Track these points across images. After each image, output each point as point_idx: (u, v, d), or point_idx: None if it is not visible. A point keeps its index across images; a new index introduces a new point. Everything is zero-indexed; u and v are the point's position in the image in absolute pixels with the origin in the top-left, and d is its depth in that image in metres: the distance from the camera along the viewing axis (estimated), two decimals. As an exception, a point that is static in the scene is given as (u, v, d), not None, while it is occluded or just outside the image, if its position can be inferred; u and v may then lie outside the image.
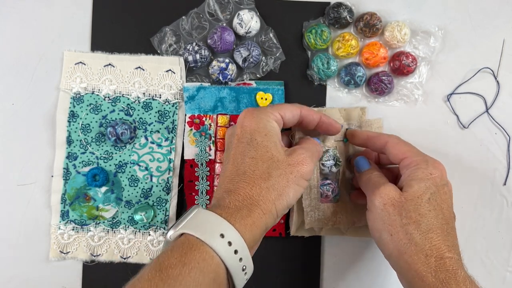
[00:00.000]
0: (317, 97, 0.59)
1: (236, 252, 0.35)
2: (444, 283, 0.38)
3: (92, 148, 0.57)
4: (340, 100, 0.60)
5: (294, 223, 0.55)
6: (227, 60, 0.57)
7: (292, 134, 0.51)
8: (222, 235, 0.35)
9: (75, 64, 0.58)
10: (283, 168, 0.41)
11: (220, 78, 0.57)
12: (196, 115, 0.57)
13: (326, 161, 0.53)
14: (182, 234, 0.36)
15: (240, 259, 0.36)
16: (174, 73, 0.58)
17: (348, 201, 0.54)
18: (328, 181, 0.53)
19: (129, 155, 0.57)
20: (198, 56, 0.57)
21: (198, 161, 0.57)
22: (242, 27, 0.57)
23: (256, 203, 0.38)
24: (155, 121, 0.57)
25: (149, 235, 0.57)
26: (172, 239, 0.37)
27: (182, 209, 0.58)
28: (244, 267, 0.37)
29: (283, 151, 0.43)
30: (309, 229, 0.55)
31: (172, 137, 0.57)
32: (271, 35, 0.59)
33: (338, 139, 0.54)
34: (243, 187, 0.39)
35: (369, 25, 0.58)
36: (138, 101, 0.57)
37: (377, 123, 0.56)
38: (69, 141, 0.57)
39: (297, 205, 0.54)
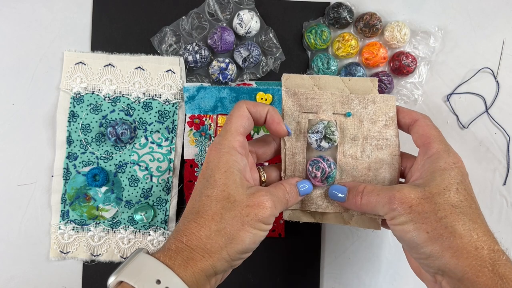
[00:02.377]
0: (317, 97, 0.59)
1: None
2: (504, 278, 0.34)
3: (92, 148, 0.57)
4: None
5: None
6: (227, 60, 0.57)
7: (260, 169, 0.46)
8: (158, 281, 0.34)
9: (75, 64, 0.58)
10: (239, 210, 0.37)
11: (220, 78, 0.57)
12: (196, 115, 0.57)
13: (311, 133, 0.44)
14: (121, 281, 0.35)
15: None
16: (174, 73, 0.58)
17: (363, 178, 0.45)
18: (319, 159, 0.44)
19: (129, 155, 0.57)
20: (198, 56, 0.57)
21: (198, 161, 0.57)
22: (242, 27, 0.57)
23: (203, 246, 0.36)
24: (155, 121, 0.57)
25: (149, 235, 0.57)
26: None
27: (182, 209, 0.58)
28: None
29: (244, 190, 0.39)
30: (306, 214, 0.47)
31: (172, 137, 0.57)
32: (271, 35, 0.59)
33: (338, 111, 0.45)
34: (192, 227, 0.37)
35: (369, 25, 0.58)
36: (138, 101, 0.58)
37: (392, 100, 0.46)
38: (69, 141, 0.57)
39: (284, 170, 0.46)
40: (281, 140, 0.45)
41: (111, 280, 0.35)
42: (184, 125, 0.57)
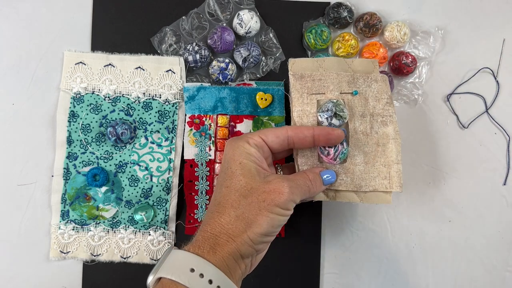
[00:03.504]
0: (317, 97, 0.59)
1: (210, 282, 0.36)
2: None
3: (92, 148, 0.57)
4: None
5: None
6: (227, 60, 0.57)
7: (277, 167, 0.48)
8: (192, 270, 0.36)
9: (75, 64, 0.58)
10: (256, 196, 0.39)
11: (220, 78, 0.57)
12: (196, 115, 0.57)
13: (321, 112, 0.46)
14: (160, 278, 0.37)
15: (218, 287, 0.36)
16: (174, 73, 0.58)
17: (359, 163, 0.47)
18: None
19: (129, 155, 0.57)
20: (198, 56, 0.57)
21: (198, 161, 0.57)
22: (242, 27, 0.57)
23: (225, 232, 0.38)
24: (155, 121, 0.57)
25: (149, 235, 0.57)
26: (151, 287, 0.37)
27: (182, 209, 0.58)
28: None
29: (261, 178, 0.41)
30: (319, 193, 0.47)
31: (172, 137, 0.57)
32: (271, 35, 0.59)
33: (345, 91, 0.47)
34: (215, 216, 0.39)
35: (369, 25, 0.58)
36: (138, 101, 0.58)
37: (387, 80, 0.49)
38: (69, 141, 0.57)
39: (295, 161, 0.47)
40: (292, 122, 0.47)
41: (150, 279, 0.37)
42: (184, 125, 0.57)
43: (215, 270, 0.36)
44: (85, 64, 0.58)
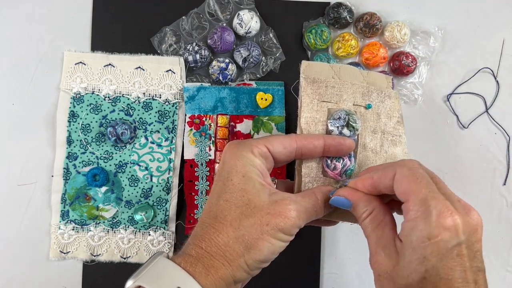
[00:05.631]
0: (317, 97, 0.59)
1: None
2: None
3: (92, 148, 0.57)
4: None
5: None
6: (227, 60, 0.57)
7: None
8: None
9: (75, 64, 0.58)
10: (259, 217, 0.35)
11: (220, 78, 0.57)
12: (196, 115, 0.57)
13: (332, 120, 0.42)
14: (139, 286, 0.33)
15: None
16: (174, 73, 0.58)
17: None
18: None
19: (129, 155, 0.57)
20: (198, 56, 0.57)
21: (198, 161, 0.57)
22: (242, 27, 0.57)
23: (222, 253, 0.34)
24: (155, 121, 0.57)
25: (149, 235, 0.57)
26: None
27: (182, 209, 0.58)
28: None
29: (265, 196, 0.36)
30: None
31: (172, 137, 0.57)
32: (271, 35, 0.59)
33: (358, 103, 0.43)
34: (211, 232, 0.35)
35: (369, 25, 0.58)
36: (138, 101, 0.58)
37: (398, 98, 0.46)
38: (69, 141, 0.57)
39: (297, 172, 0.43)
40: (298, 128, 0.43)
41: (129, 284, 0.33)
42: (184, 125, 0.57)
43: None
44: (85, 64, 0.58)
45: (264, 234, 0.34)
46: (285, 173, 0.58)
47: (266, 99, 0.57)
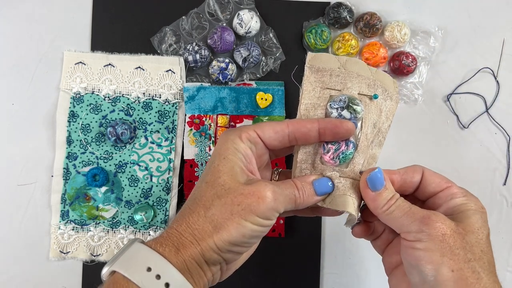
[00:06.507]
0: (317, 97, 0.59)
1: (167, 285, 0.32)
2: None
3: (92, 148, 0.57)
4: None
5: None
6: (227, 60, 0.57)
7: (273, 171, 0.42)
8: (149, 269, 0.32)
9: (75, 64, 0.58)
10: (231, 197, 0.34)
11: (220, 78, 0.57)
12: (196, 115, 0.57)
13: (331, 102, 0.40)
14: (114, 271, 0.33)
15: None
16: (174, 73, 0.58)
17: (361, 169, 0.40)
18: None
19: (129, 155, 0.57)
20: (198, 56, 0.57)
21: (198, 161, 0.57)
22: (242, 27, 0.57)
23: (191, 231, 0.34)
24: (155, 121, 0.57)
25: (149, 235, 0.57)
26: (105, 279, 0.34)
27: (182, 209, 0.58)
28: None
29: (242, 178, 0.35)
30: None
31: (172, 137, 0.57)
32: (271, 35, 0.59)
33: (363, 92, 0.41)
34: (185, 213, 0.35)
35: (369, 25, 0.58)
36: (138, 101, 0.58)
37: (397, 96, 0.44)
38: (69, 141, 0.57)
39: (294, 158, 0.41)
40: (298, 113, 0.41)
41: (104, 270, 0.33)
42: (184, 125, 0.57)
43: (175, 272, 0.32)
44: (85, 64, 0.58)
45: (234, 215, 0.33)
46: (285, 167, 0.58)
47: (266, 99, 0.57)
